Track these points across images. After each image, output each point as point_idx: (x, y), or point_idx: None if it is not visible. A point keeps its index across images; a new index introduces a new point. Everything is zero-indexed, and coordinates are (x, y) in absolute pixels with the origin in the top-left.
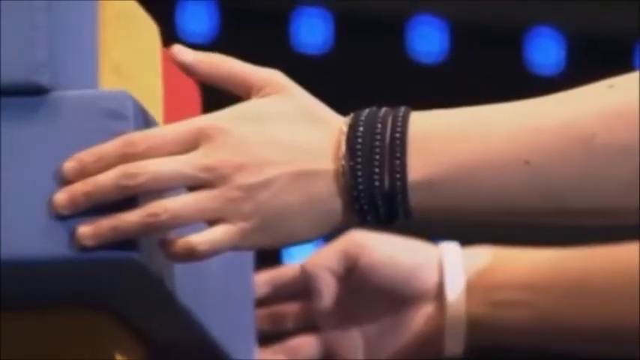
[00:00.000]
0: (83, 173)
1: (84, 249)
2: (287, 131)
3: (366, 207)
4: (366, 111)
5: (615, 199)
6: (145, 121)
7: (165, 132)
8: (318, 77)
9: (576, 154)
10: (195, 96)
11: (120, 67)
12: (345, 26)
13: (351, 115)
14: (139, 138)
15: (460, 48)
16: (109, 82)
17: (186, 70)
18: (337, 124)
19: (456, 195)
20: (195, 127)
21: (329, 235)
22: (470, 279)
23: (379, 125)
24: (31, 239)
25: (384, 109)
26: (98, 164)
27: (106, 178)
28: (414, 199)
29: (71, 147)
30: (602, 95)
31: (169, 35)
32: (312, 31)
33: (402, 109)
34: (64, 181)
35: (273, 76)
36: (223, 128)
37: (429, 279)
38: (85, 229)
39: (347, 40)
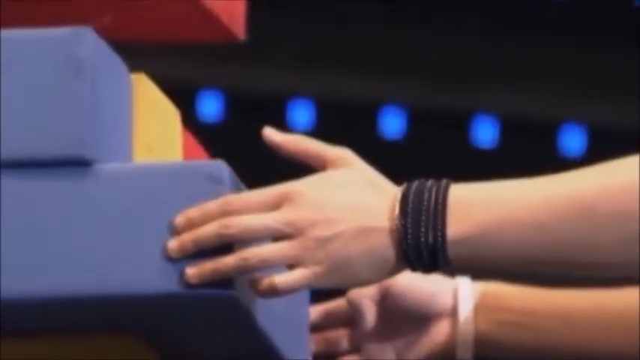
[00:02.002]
0: (190, 225)
1: (190, 286)
2: (353, 196)
3: (413, 257)
4: (416, 182)
5: (614, 255)
6: (236, 184)
7: (255, 194)
8: None
9: (578, 219)
10: None
11: (150, 144)
12: (327, 111)
13: (404, 184)
14: (235, 199)
15: (419, 130)
16: (140, 157)
17: (276, 147)
18: (392, 191)
19: (484, 249)
20: (280, 191)
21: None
22: (477, 302)
23: (426, 193)
24: (146, 278)
25: (430, 181)
26: (202, 219)
27: (209, 229)
28: (452, 251)
29: (179, 205)
30: (603, 172)
31: (188, 118)
32: (301, 115)
33: (444, 181)
34: (175, 232)
35: (343, 154)
36: (302, 192)
37: (446, 302)
38: (192, 270)
39: (328, 122)
